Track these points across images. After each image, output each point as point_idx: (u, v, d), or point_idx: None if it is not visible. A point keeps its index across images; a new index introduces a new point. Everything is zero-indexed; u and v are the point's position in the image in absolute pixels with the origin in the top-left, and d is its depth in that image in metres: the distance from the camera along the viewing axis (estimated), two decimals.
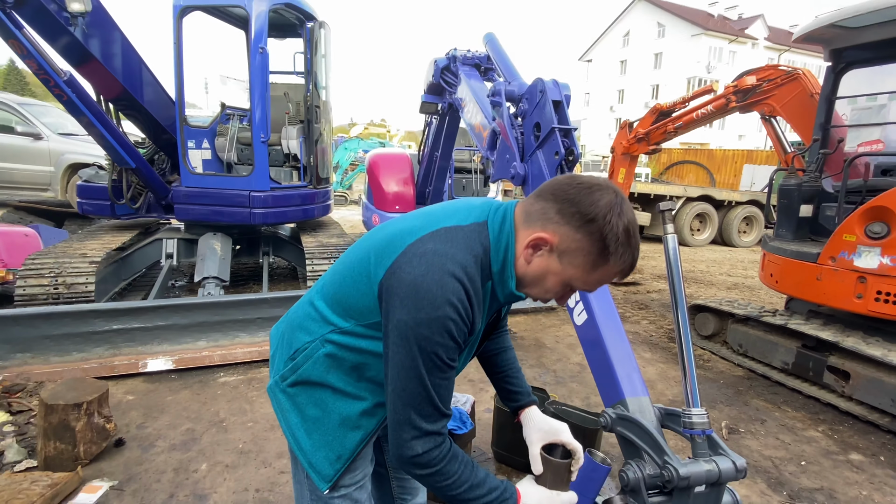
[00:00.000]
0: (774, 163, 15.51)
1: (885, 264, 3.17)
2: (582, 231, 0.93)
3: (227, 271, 4.79)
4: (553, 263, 0.98)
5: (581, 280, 0.99)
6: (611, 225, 0.92)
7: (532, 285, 1.04)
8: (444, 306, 0.90)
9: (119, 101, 4.53)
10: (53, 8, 3.54)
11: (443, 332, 0.91)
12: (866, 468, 2.82)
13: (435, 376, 0.94)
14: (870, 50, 3.75)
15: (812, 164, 4.04)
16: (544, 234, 0.96)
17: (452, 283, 0.91)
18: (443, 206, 1.12)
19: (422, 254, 0.94)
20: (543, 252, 0.98)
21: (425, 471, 0.97)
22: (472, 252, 0.97)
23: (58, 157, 7.38)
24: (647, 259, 9.05)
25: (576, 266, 0.97)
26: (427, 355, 0.92)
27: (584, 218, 0.93)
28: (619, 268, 0.96)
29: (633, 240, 0.94)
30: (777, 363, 3.91)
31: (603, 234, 0.92)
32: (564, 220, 0.95)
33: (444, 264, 0.93)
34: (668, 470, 1.31)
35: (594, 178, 0.98)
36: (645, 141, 6.24)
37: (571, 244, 0.95)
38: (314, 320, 1.13)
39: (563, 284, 1.01)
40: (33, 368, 3.33)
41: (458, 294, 0.91)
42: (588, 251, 0.94)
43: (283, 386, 1.15)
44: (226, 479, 2.49)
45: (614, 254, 0.94)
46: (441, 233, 0.99)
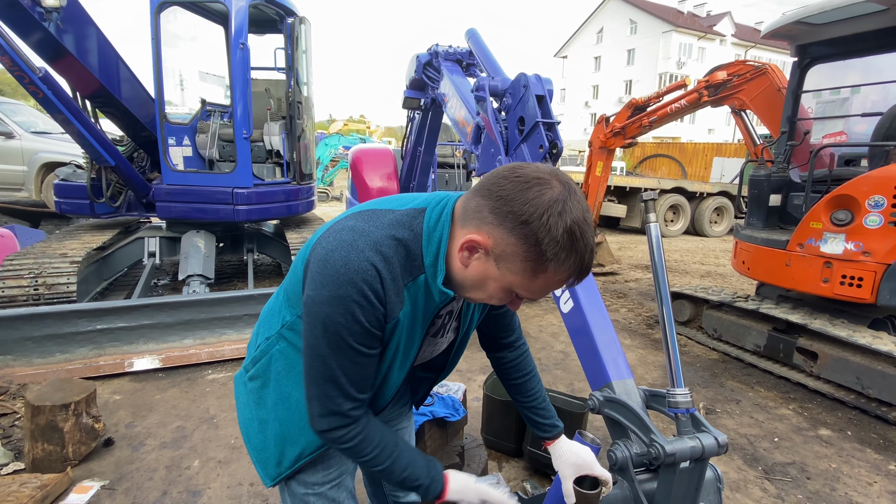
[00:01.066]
0: (743, 155, 15.98)
1: (849, 250, 3.35)
2: (516, 234, 0.81)
3: (211, 269, 4.76)
4: (491, 268, 0.87)
5: (523, 287, 0.88)
6: (547, 227, 0.79)
7: (473, 289, 0.93)
8: (346, 285, 0.84)
9: (96, 97, 4.44)
10: (27, 3, 3.45)
11: (346, 312, 0.85)
12: (835, 442, 2.99)
13: (342, 358, 0.89)
14: (833, 46, 3.93)
15: (780, 155, 4.22)
16: (478, 236, 0.85)
17: (359, 261, 0.84)
18: (389, 197, 1.05)
19: (339, 230, 0.89)
20: (480, 255, 0.87)
21: (338, 445, 0.97)
22: (394, 234, 0.90)
23: (31, 156, 7.17)
24: (625, 249, 9.26)
25: (514, 272, 0.85)
26: (331, 335, 0.87)
27: (517, 219, 0.81)
28: (564, 274, 0.84)
29: (578, 242, 0.81)
30: (750, 346, 4.09)
31: (538, 239, 0.80)
32: (498, 221, 0.83)
33: (356, 241, 0.86)
34: (655, 448, 1.39)
35: (539, 168, 0.86)
36: (621, 135, 6.37)
37: (507, 248, 0.83)
38: (275, 314, 1.11)
39: (504, 290, 0.90)
40: (15, 371, 3.27)
41: (364, 273, 0.84)
42: (524, 256, 0.82)
43: (245, 378, 1.14)
44: (219, 474, 2.51)
45: (554, 259, 0.81)
46: (367, 213, 0.93)
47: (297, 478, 1.13)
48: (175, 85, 5.86)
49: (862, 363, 3.28)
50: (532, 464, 2.60)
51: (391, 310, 0.90)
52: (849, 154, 4.19)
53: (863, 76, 4.07)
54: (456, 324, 1.18)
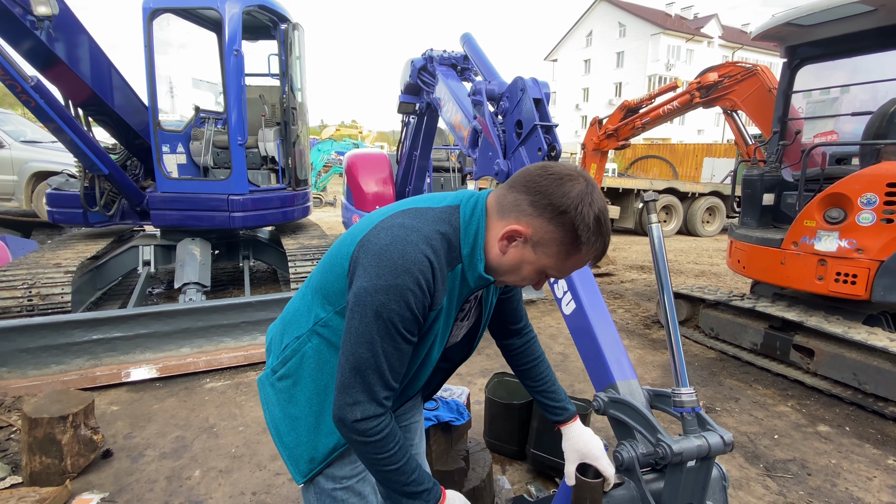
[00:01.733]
0: (732, 156, 16.15)
1: (842, 247, 3.39)
2: (555, 222, 0.96)
3: (207, 276, 4.72)
4: (528, 254, 1.01)
5: (555, 268, 1.02)
6: (582, 215, 0.94)
7: (508, 274, 1.06)
8: (403, 275, 0.92)
9: (89, 105, 4.41)
10: (18, 11, 3.43)
11: (400, 300, 0.92)
12: (833, 438, 3.02)
13: (388, 344, 0.95)
14: (822, 46, 3.99)
15: (772, 155, 4.27)
16: (518, 226, 0.98)
17: (415, 254, 0.93)
18: (420, 196, 1.15)
19: (389, 226, 0.98)
20: (518, 243, 1.00)
21: (362, 438, 0.97)
22: (439, 229, 1.00)
23: (21, 166, 7.10)
24: (619, 250, 9.31)
25: (550, 255, 1.00)
26: (382, 322, 0.93)
27: (556, 210, 0.95)
28: (592, 254, 1.00)
29: (603, 227, 0.98)
30: (747, 344, 4.12)
31: (575, 225, 0.95)
32: (537, 212, 0.97)
33: (409, 236, 0.95)
34: (662, 447, 1.39)
35: (565, 166, 1.01)
36: (614, 136, 6.44)
37: (545, 235, 0.98)
38: (304, 314, 1.15)
39: (538, 272, 1.04)
40: (10, 383, 3.22)
41: (420, 265, 0.93)
42: (561, 241, 0.97)
43: (273, 379, 1.18)
44: (220, 484, 2.49)
45: (586, 242, 0.97)
46: (411, 211, 1.03)
47: (325, 473, 1.16)
48: (168, 92, 5.83)
49: (858, 359, 3.32)
50: (536, 466, 2.59)
51: (437, 299, 1.00)
52: (840, 153, 4.25)
53: (851, 76, 4.13)
54: (479, 310, 1.27)
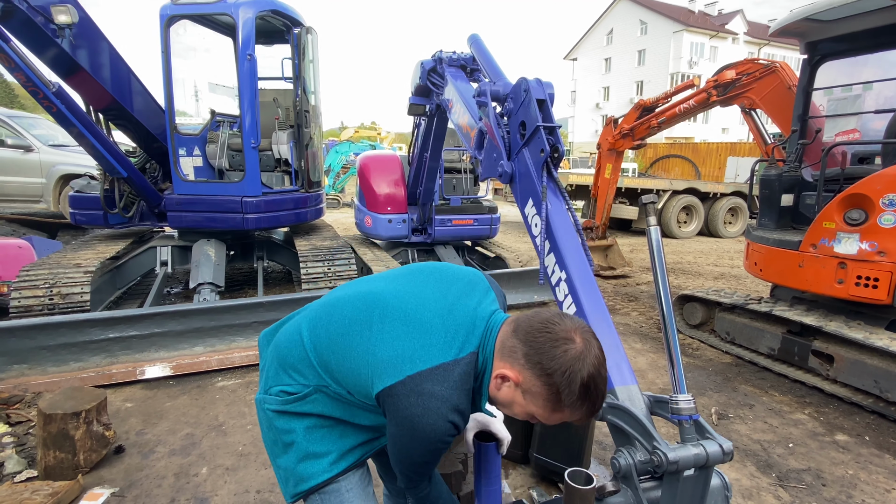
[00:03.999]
0: (757, 154, 15.72)
1: (863, 250, 3.27)
2: (541, 380, 1.02)
3: (221, 277, 4.81)
4: (518, 397, 1.08)
5: (543, 417, 1.08)
6: (568, 381, 1.00)
7: (502, 405, 1.14)
8: (433, 441, 1.04)
9: (109, 111, 4.54)
10: (40, 20, 3.55)
11: (433, 453, 1.08)
12: (852, 448, 2.91)
13: (419, 469, 1.14)
14: (843, 42, 3.86)
15: (791, 154, 4.14)
16: (511, 372, 1.06)
17: (444, 425, 1.03)
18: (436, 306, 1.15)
19: (419, 393, 1.03)
20: (510, 385, 1.07)
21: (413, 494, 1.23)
22: (467, 389, 1.08)
23: (49, 169, 7.37)
24: (636, 252, 9.16)
25: (537, 405, 1.06)
26: (415, 462, 1.11)
27: (544, 370, 1.02)
28: (577, 415, 1.05)
29: (590, 393, 1.02)
30: (763, 349, 4.01)
31: (558, 389, 1.01)
32: (529, 366, 1.04)
33: (439, 409, 1.03)
34: (657, 455, 1.36)
35: (570, 325, 1.06)
36: (630, 136, 6.35)
37: (532, 387, 1.04)
38: (309, 367, 1.20)
39: (527, 415, 1.10)
40: (31, 379, 3.33)
41: (450, 431, 1.05)
42: (546, 398, 1.03)
43: (266, 407, 1.25)
44: (226, 481, 2.53)
45: (570, 405, 1.03)
46: (439, 372, 1.06)
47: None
48: (185, 96, 5.96)
49: (880, 366, 3.19)
50: (539, 471, 2.57)
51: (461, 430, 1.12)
52: (862, 152, 4.10)
53: (875, 72, 3.98)
54: None
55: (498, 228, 6.29)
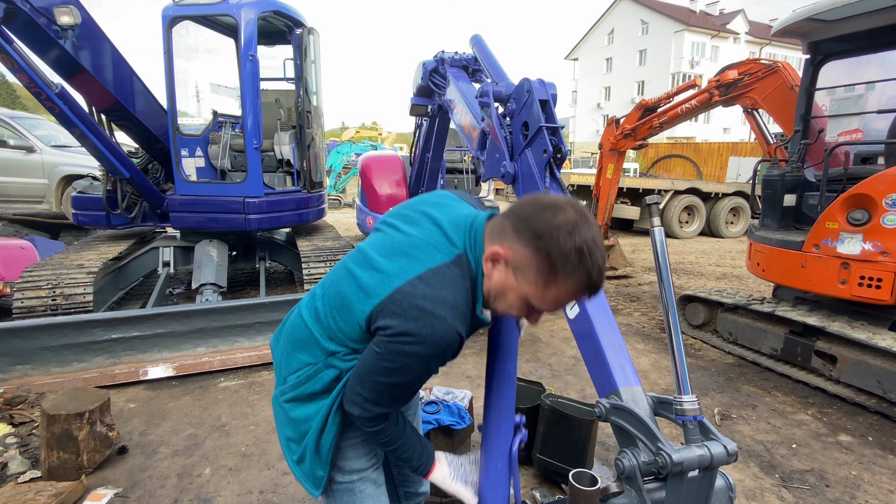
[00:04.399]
0: (759, 154, 15.70)
1: (866, 250, 3.26)
2: (531, 247, 0.95)
3: (224, 277, 4.82)
4: (510, 279, 1.00)
5: (537, 297, 0.99)
6: (557, 242, 0.92)
7: (496, 299, 1.06)
8: (430, 347, 0.97)
9: (111, 111, 4.54)
10: (43, 21, 3.56)
11: (423, 365, 1.00)
12: (855, 449, 2.91)
13: (398, 388, 1.05)
14: (846, 42, 3.85)
15: (794, 154, 4.14)
16: (500, 248, 0.99)
17: (444, 331, 0.97)
18: (416, 226, 1.13)
19: (412, 296, 0.98)
20: (500, 266, 1.01)
21: (363, 426, 1.13)
22: (462, 291, 1.03)
23: (51, 170, 7.38)
24: (638, 252, 9.15)
25: (529, 282, 0.98)
26: (400, 373, 1.01)
27: (532, 234, 0.95)
28: (573, 286, 0.96)
29: (585, 259, 0.93)
30: (766, 350, 4.00)
31: (549, 251, 0.93)
32: (517, 236, 0.98)
33: (436, 310, 0.97)
34: (661, 456, 1.36)
35: (559, 197, 1.00)
36: (632, 136, 6.33)
37: (522, 259, 0.97)
38: (314, 343, 1.16)
39: (521, 300, 1.01)
40: (34, 380, 3.34)
41: (449, 340, 0.98)
42: (538, 268, 0.95)
43: (282, 400, 1.22)
44: (229, 482, 2.53)
45: (562, 271, 0.94)
46: (430, 278, 1.01)
47: (342, 466, 1.23)
48: (188, 97, 5.96)
49: (883, 366, 3.19)
50: (542, 472, 2.57)
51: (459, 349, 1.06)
52: (865, 152, 4.09)
53: (878, 72, 3.97)
54: None
55: None
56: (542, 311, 1.04)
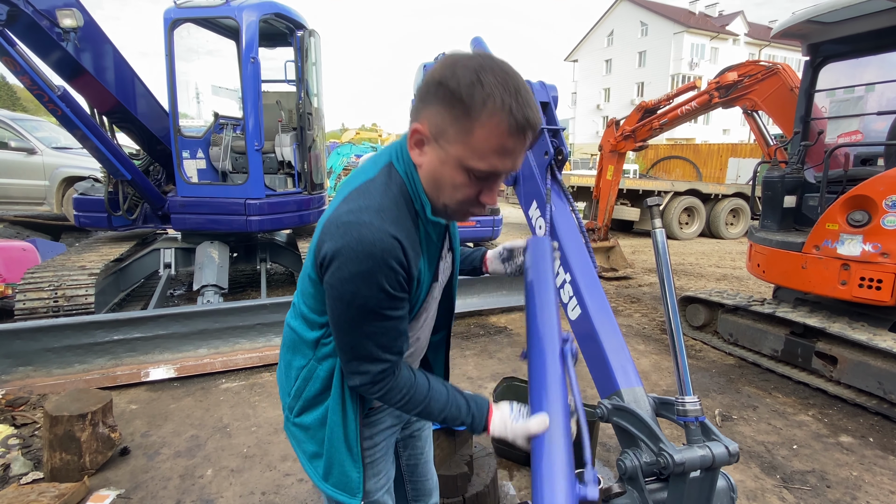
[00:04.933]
0: (759, 156, 15.74)
1: (867, 251, 3.27)
2: (438, 101, 0.86)
3: (225, 279, 4.83)
4: (437, 152, 0.90)
5: (469, 153, 0.87)
6: (458, 78, 0.82)
7: (441, 191, 0.94)
8: (366, 260, 0.86)
9: (113, 113, 4.56)
10: (45, 24, 3.57)
11: (371, 285, 0.88)
12: (856, 450, 2.91)
13: (370, 326, 0.93)
14: (846, 44, 3.87)
15: (794, 155, 4.15)
16: (418, 125, 0.90)
17: (373, 235, 0.87)
18: (353, 174, 1.08)
19: (338, 216, 0.91)
20: (425, 146, 0.92)
21: (371, 394, 1.02)
22: (389, 195, 0.93)
23: (52, 171, 7.39)
24: (638, 253, 9.16)
25: (452, 141, 0.87)
26: (356, 309, 0.91)
27: (434, 87, 0.86)
28: (496, 119, 0.82)
29: (494, 84, 0.82)
30: (767, 351, 4.01)
31: (453, 91, 0.83)
32: (423, 104, 0.89)
33: (360, 217, 0.88)
34: (663, 457, 1.37)
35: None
36: (632, 138, 6.35)
37: (437, 119, 0.87)
38: (300, 342, 1.12)
39: (459, 169, 0.89)
40: (36, 381, 3.35)
41: (383, 244, 0.87)
42: (452, 117, 0.85)
43: (292, 419, 1.16)
44: (231, 483, 2.54)
45: (475, 105, 0.82)
46: (352, 195, 0.95)
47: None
48: (189, 99, 5.98)
49: (883, 367, 3.20)
50: None
51: (413, 266, 0.94)
52: (865, 153, 4.10)
53: (877, 74, 3.99)
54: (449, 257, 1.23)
55: (500, 230, 6.30)
56: (487, 173, 0.89)
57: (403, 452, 1.47)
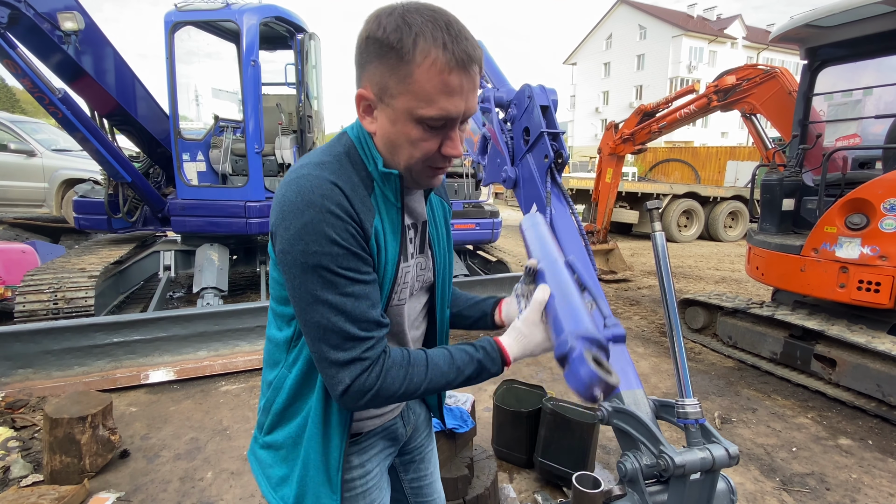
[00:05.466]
0: (757, 158, 15.78)
1: (865, 254, 3.29)
2: (371, 56, 0.81)
3: (225, 281, 4.83)
4: (386, 111, 0.84)
5: (416, 101, 0.81)
6: (382, 26, 0.78)
7: (399, 153, 0.88)
8: (307, 210, 0.80)
9: (113, 116, 4.57)
10: (47, 27, 3.58)
11: (318, 236, 0.80)
12: (855, 452, 2.92)
13: (333, 293, 0.82)
14: (843, 48, 3.89)
15: (792, 159, 4.17)
16: (360, 91, 0.86)
17: (310, 184, 0.81)
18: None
19: (280, 186, 0.87)
20: (374, 110, 0.87)
21: (365, 399, 0.85)
22: (332, 153, 0.89)
23: (52, 174, 7.39)
24: (637, 256, 9.18)
25: (396, 94, 0.81)
26: (311, 271, 0.81)
27: (364, 44, 0.82)
28: (432, 57, 0.78)
29: (418, 20, 0.78)
30: (766, 353, 4.02)
31: (381, 41, 0.78)
32: (361, 66, 0.84)
33: (298, 172, 0.84)
34: (664, 459, 1.37)
35: None
36: (630, 141, 6.37)
37: (376, 77, 0.82)
38: (275, 347, 1.02)
39: (412, 122, 0.83)
40: (35, 384, 3.34)
41: (321, 189, 0.81)
42: (390, 69, 0.80)
43: (262, 437, 1.04)
44: (231, 485, 2.53)
45: (405, 47, 0.77)
46: (306, 158, 0.91)
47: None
48: (194, 101, 5.99)
49: (882, 370, 3.21)
50: (543, 475, 2.58)
51: (364, 220, 0.86)
52: (863, 157, 4.12)
53: (875, 77, 4.01)
54: (428, 253, 1.09)
55: (500, 233, 6.30)
56: (441, 119, 0.83)
57: (406, 475, 1.32)
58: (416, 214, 1.05)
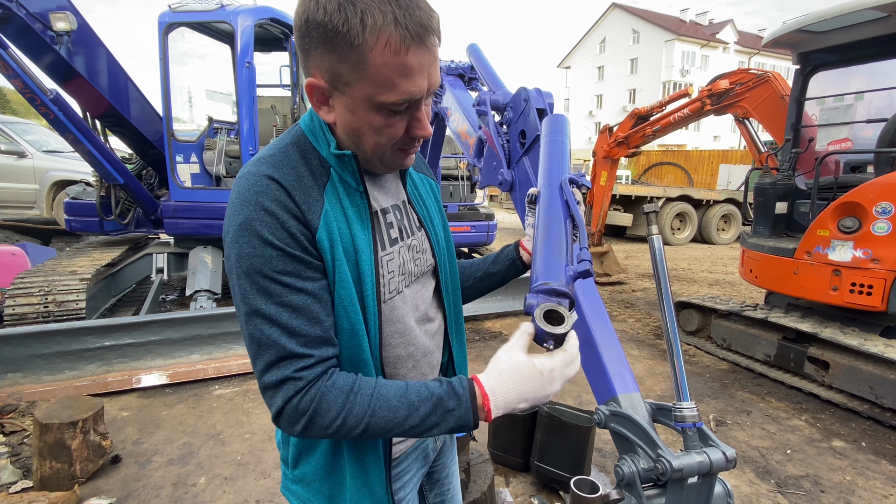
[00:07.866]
0: (749, 162, 15.90)
1: (857, 257, 3.31)
2: (314, 42, 0.73)
3: (218, 284, 4.79)
4: (343, 99, 0.77)
5: (374, 88, 0.74)
6: (322, 7, 0.70)
7: (365, 141, 0.82)
8: (243, 209, 0.74)
9: (106, 117, 4.53)
10: (38, 27, 3.55)
11: (251, 236, 0.73)
12: (849, 454, 2.94)
13: (269, 302, 0.74)
14: (835, 53, 3.93)
15: (785, 162, 4.20)
16: (308, 80, 0.78)
17: (249, 182, 0.76)
18: None
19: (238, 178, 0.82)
20: (330, 99, 0.79)
21: (300, 425, 0.75)
22: (279, 146, 0.83)
23: (42, 175, 7.32)
24: (632, 258, 9.22)
25: (351, 82, 0.74)
26: (247, 277, 0.74)
27: (304, 28, 0.73)
28: (384, 35, 0.70)
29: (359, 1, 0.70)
30: (759, 356, 4.04)
31: (321, 24, 0.70)
32: (306, 52, 0.76)
33: (242, 169, 0.79)
34: (661, 463, 1.37)
35: None
36: (625, 144, 6.40)
37: (324, 65, 0.74)
38: None
39: (373, 109, 0.76)
40: (25, 388, 3.29)
41: (256, 187, 0.75)
42: (337, 55, 0.72)
43: (290, 472, 0.95)
44: (225, 491, 2.51)
45: (349, 26, 0.69)
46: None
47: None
48: (187, 102, 5.96)
49: (875, 372, 3.23)
50: (540, 479, 2.57)
51: (310, 214, 0.78)
52: (854, 161, 4.17)
53: (867, 82, 4.06)
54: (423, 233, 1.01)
55: (495, 235, 6.31)
56: (404, 102, 0.76)
57: (430, 493, 1.23)
58: (391, 194, 0.96)
